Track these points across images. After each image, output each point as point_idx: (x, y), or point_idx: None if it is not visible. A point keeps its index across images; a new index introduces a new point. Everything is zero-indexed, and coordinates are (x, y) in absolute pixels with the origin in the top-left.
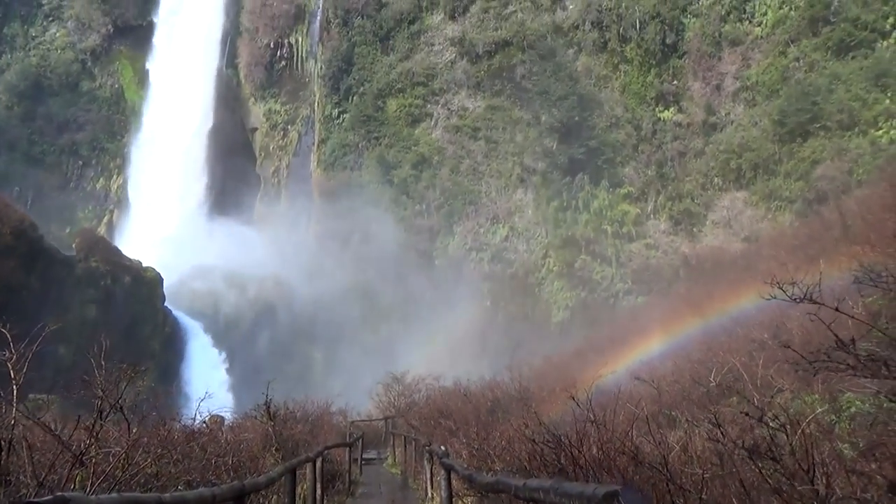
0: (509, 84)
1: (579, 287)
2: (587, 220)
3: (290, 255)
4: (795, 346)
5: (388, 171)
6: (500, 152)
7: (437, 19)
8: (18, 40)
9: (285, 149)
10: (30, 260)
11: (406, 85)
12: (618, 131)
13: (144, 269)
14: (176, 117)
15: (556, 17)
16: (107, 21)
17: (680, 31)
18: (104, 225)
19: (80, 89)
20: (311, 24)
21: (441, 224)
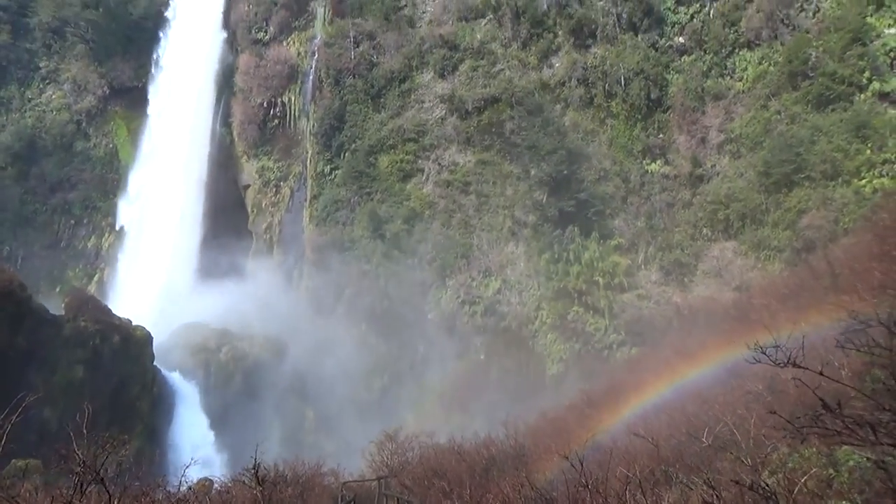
0: (499, 139)
1: (573, 339)
2: (579, 271)
3: (282, 311)
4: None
5: (379, 226)
6: (491, 206)
7: (426, 78)
8: (15, 102)
9: (278, 205)
10: (17, 320)
11: (397, 141)
12: (606, 184)
13: (134, 327)
14: (169, 175)
15: (542, 74)
16: (103, 83)
17: (664, 86)
18: (95, 283)
19: (75, 149)
20: (304, 83)
21: (433, 278)
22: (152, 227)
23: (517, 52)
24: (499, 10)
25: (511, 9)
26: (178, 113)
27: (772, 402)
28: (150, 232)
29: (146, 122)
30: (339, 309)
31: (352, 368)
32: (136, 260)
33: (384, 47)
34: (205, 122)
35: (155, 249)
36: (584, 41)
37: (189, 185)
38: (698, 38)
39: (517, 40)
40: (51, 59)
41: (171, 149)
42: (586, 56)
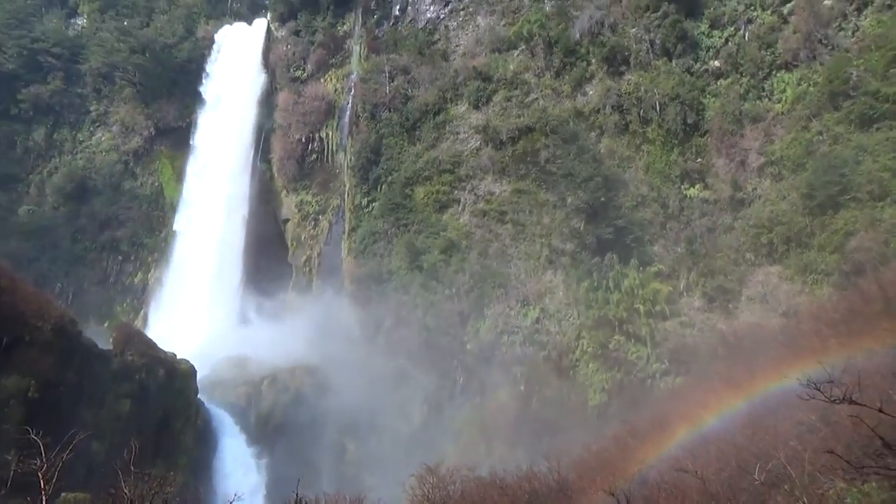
0: (534, 168)
1: (615, 368)
2: (619, 299)
3: (322, 343)
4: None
5: (417, 257)
6: (528, 235)
7: (461, 109)
8: (67, 145)
9: (316, 238)
10: (68, 355)
11: (433, 172)
12: (644, 210)
13: (178, 361)
14: (211, 211)
15: (576, 102)
16: (149, 124)
17: (700, 110)
18: (141, 318)
19: (122, 188)
20: (341, 118)
21: (471, 308)
22: (195, 261)
23: (550, 82)
24: (531, 41)
25: (543, 39)
26: (220, 150)
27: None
28: (193, 266)
29: (190, 160)
30: (378, 340)
31: (392, 400)
32: (181, 294)
33: (419, 81)
34: (245, 159)
35: (198, 283)
36: (618, 68)
37: (231, 219)
38: (734, 61)
39: (550, 70)
40: (100, 102)
41: (214, 185)
42: (620, 83)
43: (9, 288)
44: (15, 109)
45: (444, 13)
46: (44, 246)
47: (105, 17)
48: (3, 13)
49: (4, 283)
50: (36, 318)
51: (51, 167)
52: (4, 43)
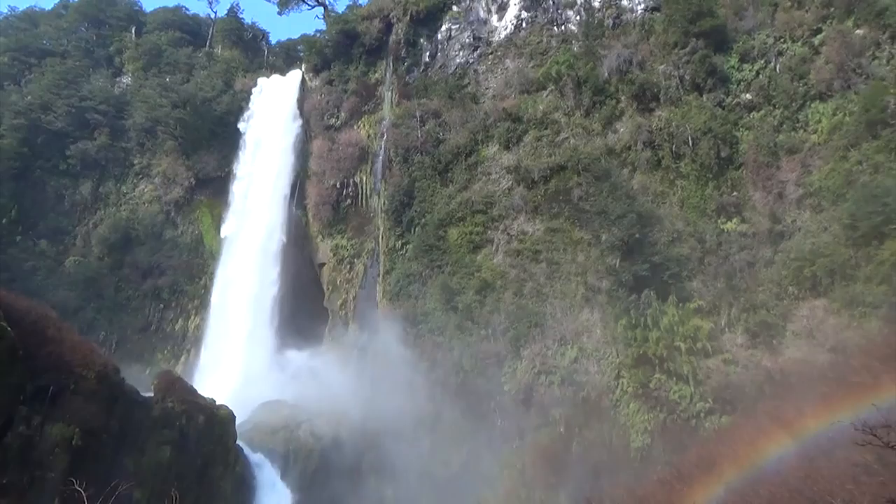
0: (567, 206)
1: (657, 408)
2: (658, 337)
3: (359, 387)
4: None
5: (451, 298)
6: (563, 273)
7: (492, 150)
8: (112, 197)
9: (352, 282)
10: (111, 403)
11: (466, 213)
12: (681, 245)
13: (217, 407)
14: (249, 257)
15: (607, 140)
16: (189, 175)
17: (734, 144)
18: (181, 364)
19: (164, 237)
20: (374, 163)
21: (508, 348)
22: (233, 306)
23: (580, 120)
24: (560, 82)
25: (572, 79)
26: (258, 198)
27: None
28: (231, 311)
29: (228, 209)
30: (414, 383)
31: (429, 444)
32: (219, 339)
33: (449, 124)
34: (282, 206)
35: (235, 328)
36: (648, 105)
37: (267, 265)
38: (766, 93)
39: (580, 109)
40: (143, 156)
41: (251, 232)
42: (651, 119)
43: (56, 338)
44: (64, 165)
45: (473, 58)
46: (89, 295)
47: (148, 74)
48: (53, 75)
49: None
50: (81, 367)
51: (96, 219)
52: (54, 103)
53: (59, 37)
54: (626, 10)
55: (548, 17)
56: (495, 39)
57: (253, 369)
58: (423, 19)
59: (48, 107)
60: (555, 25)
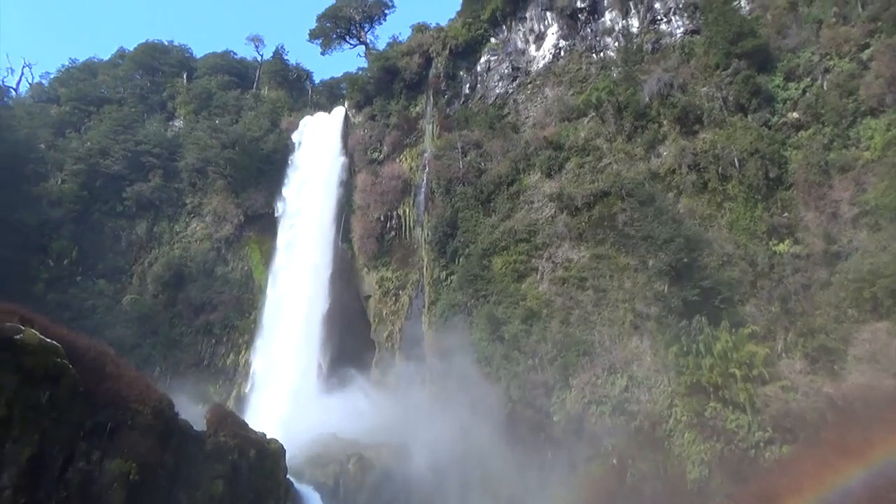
0: (612, 232)
1: (713, 438)
2: (712, 363)
3: (407, 419)
4: None
5: (497, 328)
6: (610, 300)
7: (534, 179)
8: (165, 236)
9: (398, 313)
10: (166, 438)
11: (509, 242)
12: (731, 269)
13: (268, 441)
14: (296, 292)
15: (651, 164)
16: (239, 212)
17: (782, 164)
18: (233, 398)
19: (215, 274)
20: (417, 195)
21: (556, 378)
22: (282, 340)
23: (622, 146)
24: (600, 108)
25: (613, 105)
26: (304, 233)
27: None
28: (281, 345)
29: (276, 244)
30: (462, 415)
31: (478, 476)
32: (269, 373)
33: (491, 154)
34: (328, 240)
35: (285, 362)
36: (691, 127)
37: (314, 298)
38: (814, 111)
39: (621, 134)
40: (195, 195)
41: (298, 266)
42: (695, 142)
43: (115, 374)
44: (120, 207)
45: (513, 88)
46: (145, 332)
47: (199, 117)
48: (110, 121)
49: (110, 370)
50: (138, 402)
51: (151, 258)
52: (112, 148)
53: (116, 85)
54: (665, 34)
55: (586, 45)
56: (534, 69)
57: (302, 402)
58: (462, 52)
59: (106, 152)
60: (593, 52)
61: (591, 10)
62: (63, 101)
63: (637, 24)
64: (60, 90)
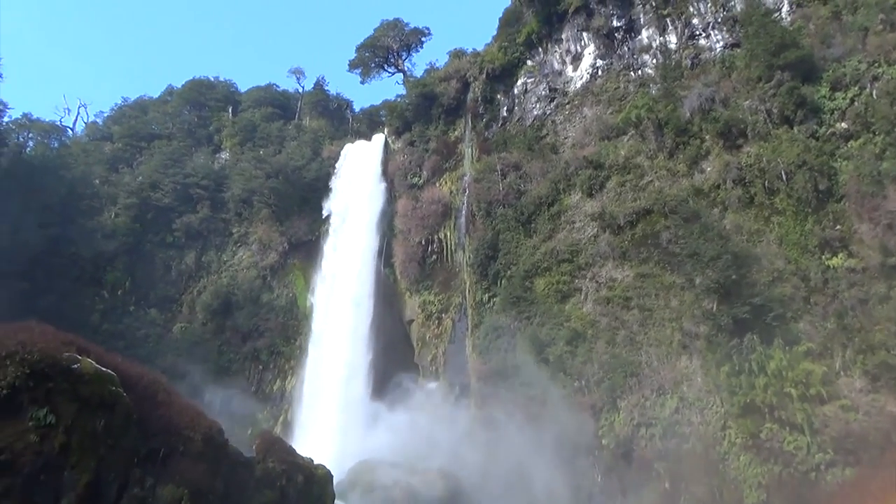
0: (656, 250)
1: (770, 461)
2: (766, 383)
3: (453, 444)
4: None
5: (542, 350)
6: (657, 320)
7: (574, 199)
8: (213, 265)
9: (441, 337)
10: (216, 464)
11: (552, 263)
12: (783, 285)
13: (316, 467)
14: (340, 317)
15: (694, 180)
16: (283, 240)
17: (832, 175)
18: (280, 424)
19: (261, 301)
20: (458, 218)
21: (603, 400)
22: (328, 366)
23: (664, 162)
24: (640, 125)
25: (653, 122)
26: (347, 259)
27: None
28: (326, 371)
29: (319, 271)
30: (508, 438)
31: (526, 502)
32: (314, 398)
33: (530, 175)
34: (370, 265)
35: (330, 387)
36: (735, 142)
37: (358, 324)
38: (863, 120)
39: (663, 151)
40: (241, 224)
41: (342, 292)
42: (739, 156)
43: (166, 401)
44: (170, 238)
45: (550, 108)
46: (195, 359)
47: (244, 149)
48: (160, 156)
49: (162, 397)
50: (189, 429)
51: (200, 286)
52: (162, 181)
53: (165, 121)
54: (705, 48)
55: (623, 63)
56: (571, 89)
57: (348, 427)
58: (499, 76)
59: (156, 185)
60: (631, 70)
61: (628, 29)
62: (116, 138)
63: (675, 40)
64: (114, 128)
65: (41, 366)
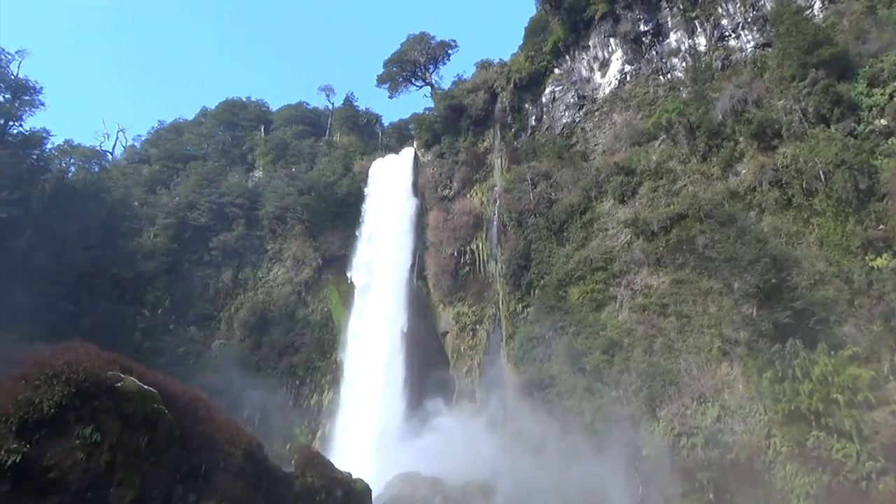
0: (692, 256)
1: (818, 470)
2: (811, 389)
3: (491, 456)
4: None
5: (578, 360)
6: (695, 326)
7: (606, 206)
8: (250, 282)
9: (475, 348)
10: (256, 479)
11: (585, 272)
12: (825, 288)
13: (354, 481)
14: (375, 330)
15: (728, 183)
16: (317, 256)
17: (872, 174)
18: (318, 439)
19: (297, 317)
20: (489, 229)
21: (642, 409)
22: (364, 380)
23: (697, 166)
24: (671, 130)
25: (684, 126)
26: (380, 272)
27: None
28: (363, 385)
29: (353, 285)
30: (546, 449)
31: None
32: (351, 412)
33: (561, 184)
34: (403, 278)
35: (367, 401)
36: (770, 143)
37: (393, 337)
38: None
39: (695, 154)
40: (275, 241)
41: (375, 305)
42: (775, 157)
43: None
44: (208, 257)
45: (579, 116)
46: (234, 375)
47: (276, 167)
48: (196, 177)
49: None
50: (229, 445)
51: (237, 303)
52: (198, 201)
53: (200, 142)
54: (735, 49)
55: (652, 68)
56: (600, 96)
57: (385, 441)
58: (527, 85)
59: (193, 205)
60: (660, 75)
61: (656, 33)
62: (153, 160)
63: (704, 42)
64: (151, 150)
65: (86, 384)
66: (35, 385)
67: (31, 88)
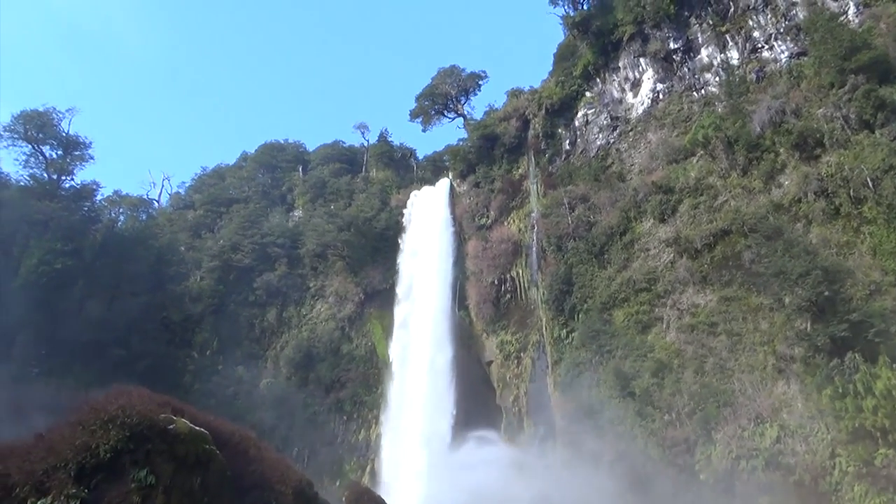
0: (738, 272)
1: (889, 490)
2: (875, 405)
3: (541, 486)
4: None
5: (627, 384)
6: (747, 344)
7: (647, 225)
8: (293, 320)
9: (521, 376)
10: None
11: (629, 293)
12: (882, 298)
13: None
14: (419, 363)
15: (772, 196)
16: (358, 290)
17: None
18: (367, 474)
19: (341, 352)
20: (529, 255)
21: (697, 432)
22: (410, 413)
23: (738, 180)
24: (709, 145)
25: (722, 140)
26: (421, 304)
27: None
28: (409, 418)
29: (395, 318)
30: (598, 477)
31: None
32: (399, 446)
33: (599, 206)
34: (444, 309)
35: (414, 434)
36: (812, 152)
37: (437, 368)
38: None
39: (735, 169)
40: (317, 279)
41: (419, 337)
42: (818, 166)
43: (257, 456)
44: (252, 297)
45: (614, 137)
46: (282, 413)
47: (315, 205)
48: (239, 219)
49: (253, 453)
50: (280, 483)
51: (282, 342)
52: (241, 243)
53: (242, 185)
54: (769, 60)
55: (685, 85)
56: (633, 116)
57: (434, 474)
58: (558, 110)
59: (237, 247)
60: (693, 91)
61: (686, 50)
62: (197, 205)
63: (737, 55)
64: (195, 196)
65: (140, 428)
66: (91, 430)
67: (81, 143)
